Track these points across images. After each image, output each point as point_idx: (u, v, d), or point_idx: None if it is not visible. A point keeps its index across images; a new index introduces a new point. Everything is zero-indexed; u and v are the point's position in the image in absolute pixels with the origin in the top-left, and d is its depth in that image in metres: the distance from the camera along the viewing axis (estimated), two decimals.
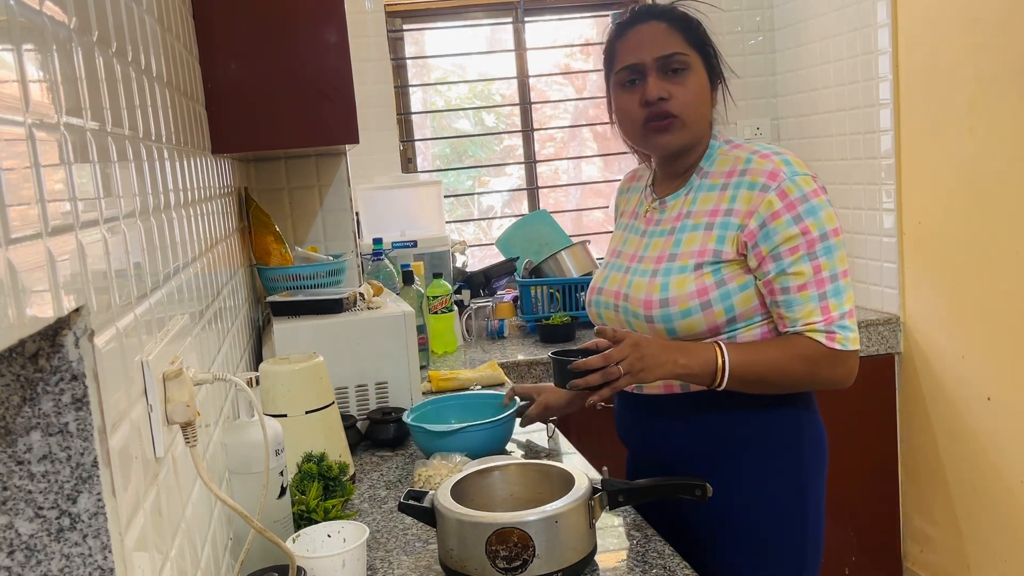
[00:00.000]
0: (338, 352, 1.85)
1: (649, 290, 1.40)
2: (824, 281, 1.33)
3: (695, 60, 1.41)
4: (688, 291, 1.36)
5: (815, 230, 1.32)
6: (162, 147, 1.10)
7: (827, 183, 3.16)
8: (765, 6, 3.42)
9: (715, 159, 1.44)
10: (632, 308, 1.43)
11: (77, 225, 0.65)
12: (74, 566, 0.64)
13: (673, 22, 1.42)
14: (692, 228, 1.41)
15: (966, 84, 2.46)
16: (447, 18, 3.48)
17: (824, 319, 1.33)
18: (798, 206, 1.32)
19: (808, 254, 1.32)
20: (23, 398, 0.62)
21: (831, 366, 1.35)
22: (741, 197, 1.36)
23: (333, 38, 1.77)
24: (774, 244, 1.33)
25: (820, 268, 1.33)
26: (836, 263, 1.34)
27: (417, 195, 3.11)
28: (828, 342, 1.33)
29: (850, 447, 2.87)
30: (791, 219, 1.32)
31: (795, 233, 1.32)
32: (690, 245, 1.40)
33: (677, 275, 1.38)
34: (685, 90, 1.40)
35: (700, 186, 1.44)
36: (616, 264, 1.53)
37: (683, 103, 1.39)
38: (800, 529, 1.43)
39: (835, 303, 1.33)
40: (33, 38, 0.60)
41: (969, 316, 2.56)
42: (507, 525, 1.15)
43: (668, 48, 1.40)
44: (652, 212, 1.51)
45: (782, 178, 1.33)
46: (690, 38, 1.41)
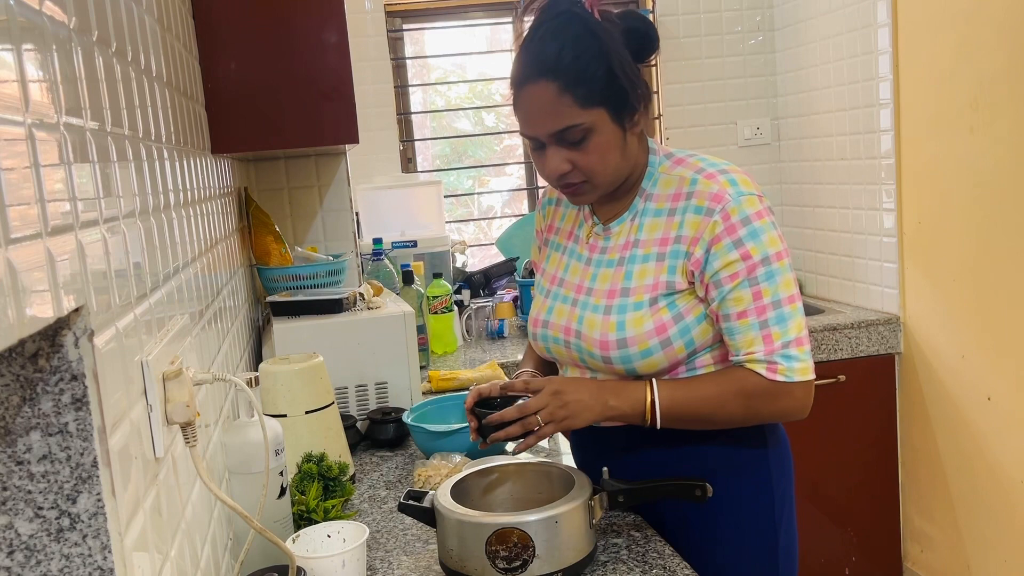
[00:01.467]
0: (338, 352, 1.85)
1: (604, 329, 1.32)
2: (765, 308, 1.24)
3: (595, 118, 1.24)
4: (646, 329, 1.29)
5: (756, 255, 1.24)
6: (162, 147, 1.10)
7: (827, 183, 3.16)
8: (765, 6, 3.42)
9: (658, 179, 1.34)
10: (586, 347, 1.35)
11: (77, 225, 0.65)
12: (74, 566, 0.64)
13: (564, 81, 1.23)
14: (643, 259, 1.32)
15: (966, 84, 2.46)
16: (447, 18, 3.48)
17: (765, 349, 1.25)
18: (739, 229, 1.24)
19: (748, 279, 1.24)
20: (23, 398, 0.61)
21: (773, 399, 1.26)
22: (688, 223, 1.28)
23: (333, 38, 1.77)
24: (715, 270, 1.26)
25: (761, 294, 1.24)
26: (779, 288, 1.25)
27: (417, 195, 3.11)
28: (769, 374, 1.25)
29: (850, 447, 2.87)
30: (731, 243, 1.24)
31: (735, 258, 1.24)
32: (642, 278, 1.31)
33: (632, 312, 1.30)
34: (588, 156, 1.27)
35: (645, 210, 1.34)
36: (559, 294, 1.42)
37: (588, 170, 1.28)
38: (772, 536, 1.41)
39: (778, 331, 1.25)
40: (33, 38, 0.60)
41: (969, 316, 2.56)
42: (507, 525, 1.15)
43: (559, 122, 1.25)
44: (595, 239, 1.40)
45: (726, 200, 1.25)
46: (584, 95, 1.23)
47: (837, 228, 3.15)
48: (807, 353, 1.27)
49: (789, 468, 1.45)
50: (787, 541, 1.43)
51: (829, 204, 3.18)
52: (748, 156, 3.46)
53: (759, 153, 3.48)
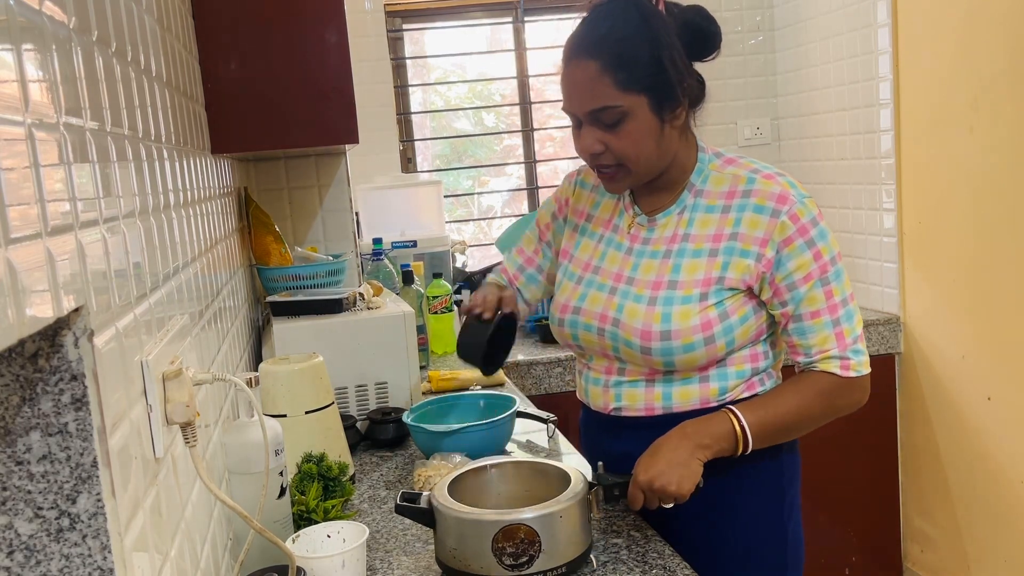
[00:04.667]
0: (338, 352, 1.84)
1: (647, 319, 1.31)
2: (836, 307, 1.29)
3: (633, 103, 1.24)
4: (692, 324, 1.28)
5: (826, 255, 1.28)
6: (162, 147, 1.10)
7: (827, 183, 3.17)
8: (765, 6, 3.42)
9: (708, 175, 1.35)
10: (624, 336, 1.33)
11: (77, 225, 0.65)
12: (74, 566, 0.64)
13: (606, 61, 1.24)
14: (693, 254, 1.32)
15: (966, 84, 2.46)
16: (447, 18, 3.48)
17: (839, 346, 1.29)
18: (810, 230, 1.27)
19: (820, 280, 1.28)
20: (23, 398, 0.61)
21: (848, 394, 1.32)
22: (747, 221, 1.28)
23: (333, 38, 1.77)
24: (788, 272, 1.27)
25: (832, 293, 1.29)
26: (845, 287, 1.31)
27: (417, 195, 3.11)
28: (843, 371, 1.29)
29: (850, 447, 2.87)
30: (804, 244, 1.27)
31: (808, 259, 1.27)
32: (693, 273, 1.31)
33: (680, 306, 1.29)
34: (621, 141, 1.27)
35: (695, 206, 1.34)
36: (595, 282, 1.40)
37: (620, 154, 1.28)
38: (781, 532, 1.42)
39: (848, 328, 1.30)
40: (33, 38, 0.60)
41: (969, 316, 2.56)
42: (514, 522, 1.16)
43: (596, 101, 1.26)
44: (638, 229, 1.39)
45: (792, 202, 1.27)
46: (625, 81, 1.23)
47: (837, 228, 3.15)
48: (865, 347, 1.34)
49: (799, 474, 1.46)
50: (794, 547, 1.44)
51: (829, 204, 3.18)
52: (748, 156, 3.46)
53: (759, 153, 3.48)
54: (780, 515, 1.41)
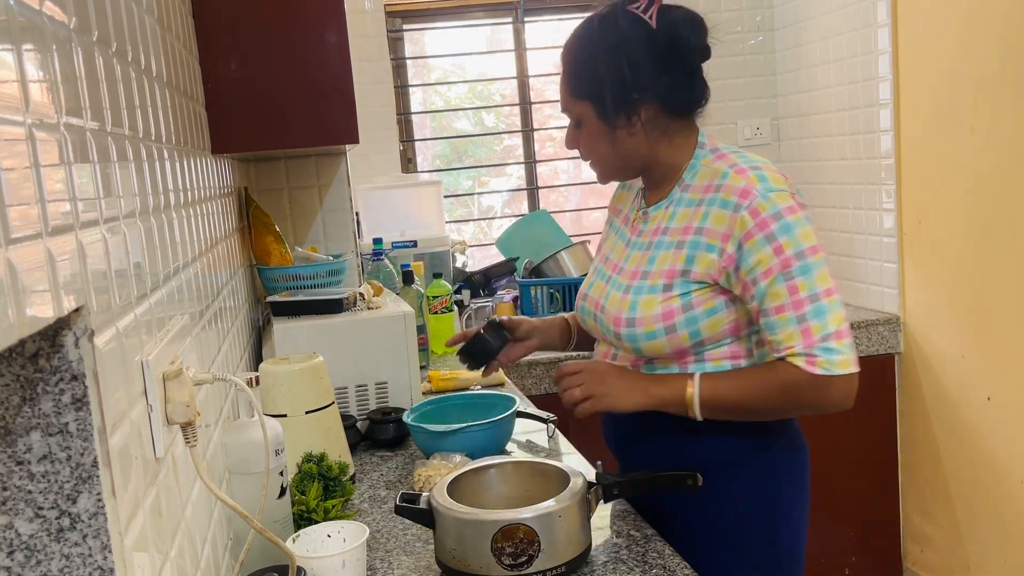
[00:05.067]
0: (338, 352, 1.84)
1: (620, 307, 1.38)
2: (802, 302, 1.26)
3: (583, 109, 1.39)
4: (654, 313, 1.33)
5: (789, 249, 1.26)
6: (162, 147, 1.10)
7: (827, 183, 3.16)
8: (765, 6, 3.42)
9: (697, 171, 1.38)
10: (605, 322, 1.42)
11: (77, 225, 0.65)
12: (74, 566, 0.64)
13: (566, 70, 1.42)
14: (666, 246, 1.37)
15: (966, 84, 2.46)
16: (447, 18, 3.48)
17: (804, 343, 1.26)
18: (771, 224, 1.26)
19: (783, 274, 1.26)
20: (23, 398, 0.62)
21: (814, 392, 1.28)
22: (713, 216, 1.31)
23: (333, 38, 1.77)
24: (750, 267, 1.27)
25: (797, 288, 1.26)
26: (816, 282, 1.26)
27: (417, 195, 3.11)
28: (808, 367, 1.26)
29: (850, 447, 2.87)
30: (763, 239, 1.26)
31: (768, 254, 1.26)
32: (662, 264, 1.36)
33: (646, 295, 1.35)
34: (583, 140, 1.43)
35: (680, 200, 1.39)
36: (602, 271, 1.51)
37: (586, 150, 1.45)
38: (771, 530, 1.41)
39: (816, 324, 1.25)
40: (33, 38, 0.60)
41: (969, 316, 2.56)
42: (513, 522, 1.16)
43: (562, 103, 1.44)
44: (638, 222, 1.47)
45: (754, 195, 1.28)
46: (575, 89, 1.40)
47: (837, 228, 3.15)
48: (847, 346, 1.28)
49: (802, 472, 1.45)
50: (792, 544, 1.43)
51: (829, 204, 3.18)
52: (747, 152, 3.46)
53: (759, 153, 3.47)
54: (772, 513, 1.41)
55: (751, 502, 1.39)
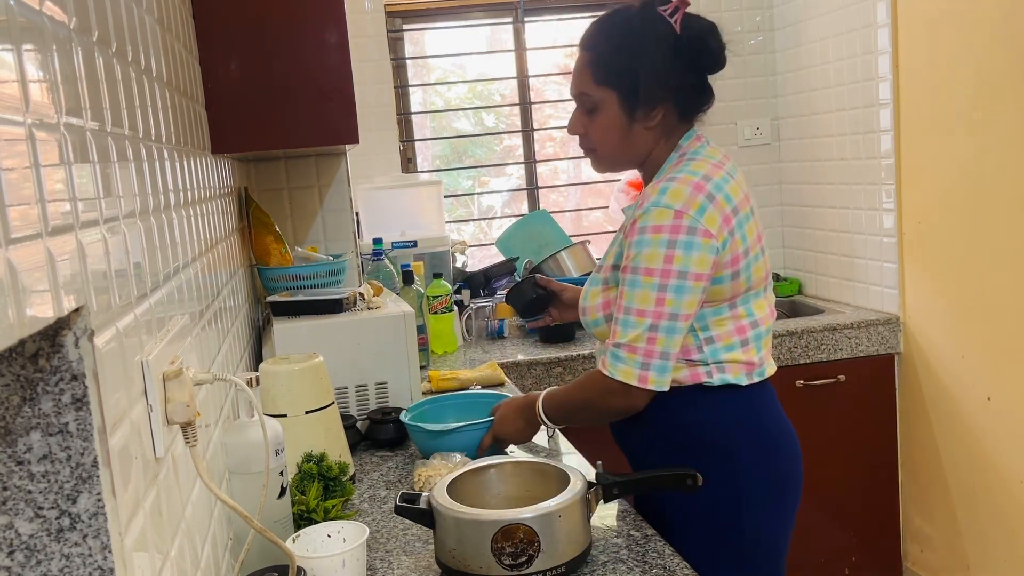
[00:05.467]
0: (338, 352, 1.84)
1: (580, 297, 1.54)
2: (620, 308, 1.37)
3: (604, 97, 1.42)
4: (596, 303, 1.47)
5: (630, 260, 1.36)
6: (162, 147, 1.10)
7: (827, 183, 3.16)
8: (765, 6, 3.42)
9: (662, 175, 1.44)
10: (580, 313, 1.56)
11: (77, 225, 0.65)
12: (74, 566, 0.64)
13: (592, 56, 1.44)
14: (612, 243, 1.49)
15: (966, 84, 2.46)
16: (447, 18, 3.48)
17: (609, 340, 1.38)
18: (633, 235, 1.36)
19: (621, 279, 1.38)
20: (23, 398, 0.62)
21: (602, 393, 1.40)
22: (629, 215, 1.43)
23: (333, 38, 1.77)
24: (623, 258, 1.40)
25: (621, 296, 1.37)
26: (634, 299, 1.34)
27: (417, 195, 3.11)
28: (601, 367, 1.39)
29: (850, 447, 2.87)
30: (628, 244, 1.38)
31: (624, 257, 1.38)
32: (608, 259, 1.48)
33: (594, 287, 1.49)
34: (594, 127, 1.46)
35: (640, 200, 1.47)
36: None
37: (593, 140, 1.47)
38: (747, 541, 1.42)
39: (619, 331, 1.36)
40: (33, 38, 0.60)
41: (969, 316, 2.56)
42: (513, 522, 1.16)
43: (578, 87, 1.46)
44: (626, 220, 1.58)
45: (644, 205, 1.37)
46: (600, 76, 1.42)
47: (837, 228, 3.15)
48: (635, 362, 1.35)
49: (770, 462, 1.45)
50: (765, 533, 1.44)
51: (829, 204, 3.18)
52: (748, 156, 3.46)
53: (759, 153, 3.48)
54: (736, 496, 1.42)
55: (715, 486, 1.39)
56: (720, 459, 1.41)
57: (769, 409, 1.47)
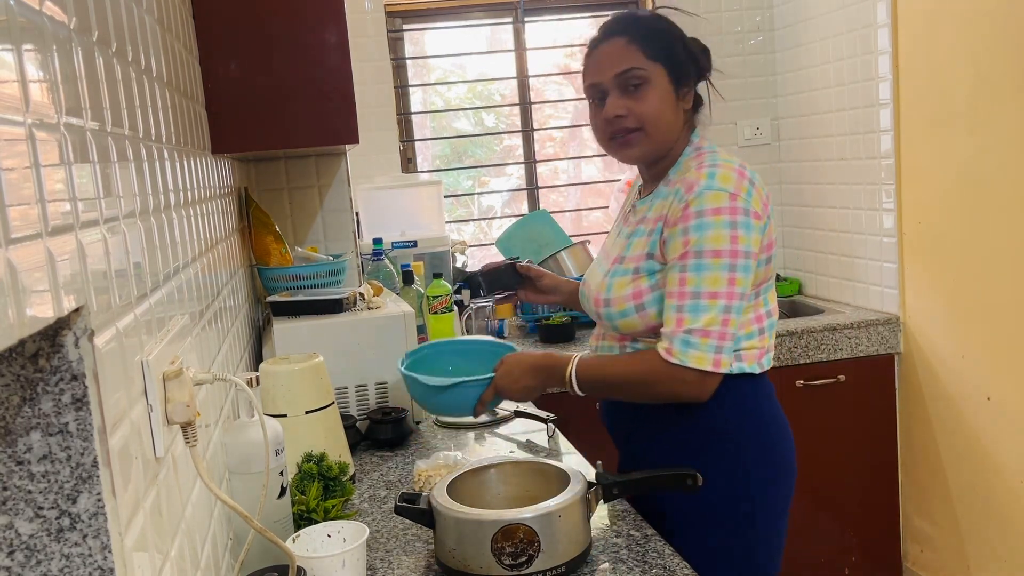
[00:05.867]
0: (338, 352, 1.84)
1: (599, 289, 1.50)
2: (685, 295, 1.34)
3: (655, 71, 1.43)
4: (625, 294, 1.45)
5: (692, 245, 1.34)
6: (162, 147, 1.10)
7: (827, 183, 3.16)
8: (765, 6, 3.42)
9: (679, 167, 1.48)
10: (590, 304, 1.55)
11: (77, 225, 0.65)
12: (74, 566, 0.64)
13: (633, 36, 1.44)
14: (640, 234, 1.48)
15: (966, 84, 2.46)
16: (447, 18, 3.48)
17: (671, 330, 1.35)
18: (691, 219, 1.35)
19: (680, 265, 1.36)
20: (23, 398, 0.62)
21: (668, 380, 1.36)
22: (671, 205, 1.41)
23: (333, 38, 1.77)
24: (667, 252, 1.39)
25: (685, 281, 1.35)
26: (704, 282, 1.33)
27: (417, 195, 3.10)
28: (665, 355, 1.35)
29: (850, 447, 2.87)
30: (681, 230, 1.36)
31: (679, 244, 1.36)
32: (635, 250, 1.47)
33: (620, 277, 1.47)
34: (643, 103, 1.43)
35: (659, 193, 1.49)
36: (599, 260, 1.62)
37: (641, 116, 1.44)
38: (750, 530, 1.44)
39: (688, 317, 1.34)
40: (33, 38, 0.60)
41: (969, 316, 2.56)
42: (513, 522, 1.16)
43: (623, 64, 1.43)
44: (631, 215, 1.57)
45: (695, 190, 1.36)
46: (649, 50, 1.43)
47: (837, 228, 3.15)
48: (710, 346, 1.34)
49: (775, 459, 1.48)
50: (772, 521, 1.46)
51: (829, 204, 3.17)
52: (748, 156, 3.46)
53: (759, 153, 3.48)
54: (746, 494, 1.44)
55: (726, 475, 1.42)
56: (732, 448, 1.44)
57: (772, 399, 1.51)
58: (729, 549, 1.44)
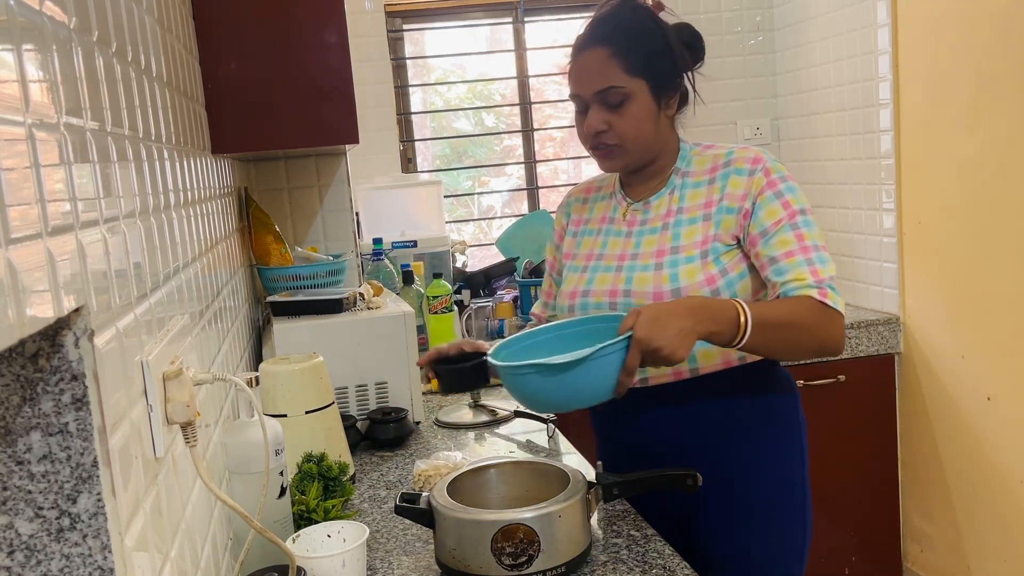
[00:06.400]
0: (338, 352, 1.84)
1: (657, 283, 1.42)
2: (808, 249, 1.37)
3: (636, 87, 1.41)
4: (698, 280, 1.40)
5: (795, 204, 1.39)
6: (162, 147, 1.10)
7: (827, 183, 3.17)
8: (765, 6, 3.42)
9: (691, 159, 1.50)
10: (638, 303, 1.41)
11: (77, 225, 0.65)
12: (74, 566, 0.64)
13: (616, 48, 1.41)
14: (689, 222, 1.45)
15: (966, 84, 2.46)
16: (447, 18, 3.48)
17: (815, 278, 1.36)
18: (779, 184, 1.40)
19: (790, 224, 1.38)
20: (23, 398, 0.62)
21: (829, 323, 1.35)
22: (731, 184, 1.43)
23: (333, 38, 1.77)
24: (759, 219, 1.40)
25: (803, 237, 1.38)
26: (816, 236, 1.39)
27: (417, 195, 3.10)
28: (820, 296, 1.34)
29: (850, 447, 2.87)
30: (773, 195, 1.40)
31: (778, 207, 1.39)
32: (691, 237, 1.44)
33: (685, 265, 1.42)
34: (624, 120, 1.42)
35: (684, 184, 1.48)
36: (599, 266, 1.51)
37: (621, 134, 1.43)
38: (802, 507, 1.50)
39: (821, 268, 1.36)
40: (33, 38, 0.60)
41: (969, 316, 2.56)
42: (513, 522, 1.16)
43: (604, 82, 1.41)
44: (634, 214, 1.52)
45: (764, 161, 1.42)
46: (631, 65, 1.40)
47: (837, 228, 3.15)
48: (840, 295, 1.38)
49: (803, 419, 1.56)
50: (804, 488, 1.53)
51: (829, 204, 3.17)
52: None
53: None
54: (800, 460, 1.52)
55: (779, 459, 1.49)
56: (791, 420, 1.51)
57: None
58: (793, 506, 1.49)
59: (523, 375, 1.21)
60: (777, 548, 1.47)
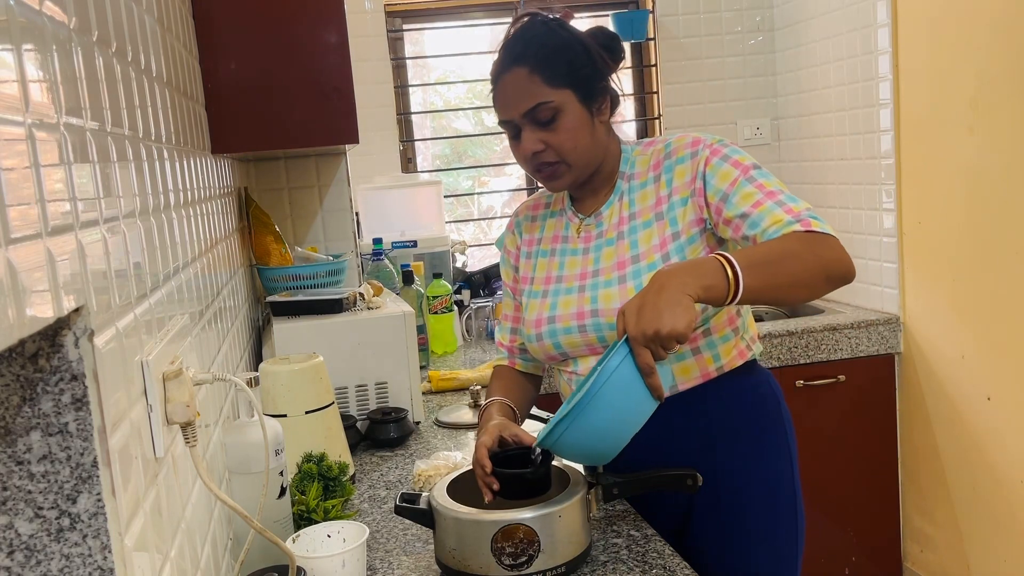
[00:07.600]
0: (338, 352, 1.84)
1: (623, 296, 1.36)
2: (774, 193, 1.33)
3: (563, 98, 1.36)
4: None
5: (745, 161, 1.37)
6: (162, 147, 1.10)
7: (827, 183, 3.17)
8: (765, 6, 3.42)
9: (634, 161, 1.47)
10: (606, 321, 1.38)
11: (77, 225, 0.65)
12: (74, 566, 0.64)
13: (534, 64, 1.36)
14: (643, 226, 1.41)
15: (966, 84, 2.46)
16: (447, 18, 3.48)
17: (791, 216, 1.29)
18: (722, 150, 1.38)
19: (747, 179, 1.34)
20: (23, 398, 0.62)
21: (825, 244, 1.26)
22: (676, 173, 1.40)
23: (333, 38, 1.77)
24: (714, 186, 1.36)
25: (764, 186, 1.34)
26: (777, 183, 1.35)
27: (417, 195, 3.11)
28: (804, 227, 1.27)
29: (850, 447, 2.87)
30: (719, 160, 1.37)
31: (728, 168, 1.36)
32: (648, 242, 1.40)
33: (648, 273, 1.35)
34: (558, 135, 1.38)
35: (631, 188, 1.45)
36: (561, 289, 1.46)
37: (559, 149, 1.39)
38: (793, 505, 1.49)
39: (794, 205, 1.31)
40: (33, 38, 0.60)
41: (969, 316, 2.56)
42: (513, 522, 1.16)
43: (530, 100, 1.36)
44: (587, 229, 1.48)
45: (704, 139, 1.40)
46: (552, 77, 1.35)
47: (837, 228, 3.13)
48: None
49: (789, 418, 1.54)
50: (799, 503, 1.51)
51: (829, 204, 3.17)
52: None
53: (759, 153, 3.48)
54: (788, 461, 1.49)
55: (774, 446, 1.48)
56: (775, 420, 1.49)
57: None
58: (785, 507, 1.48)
59: (563, 439, 1.16)
60: (771, 547, 1.46)
